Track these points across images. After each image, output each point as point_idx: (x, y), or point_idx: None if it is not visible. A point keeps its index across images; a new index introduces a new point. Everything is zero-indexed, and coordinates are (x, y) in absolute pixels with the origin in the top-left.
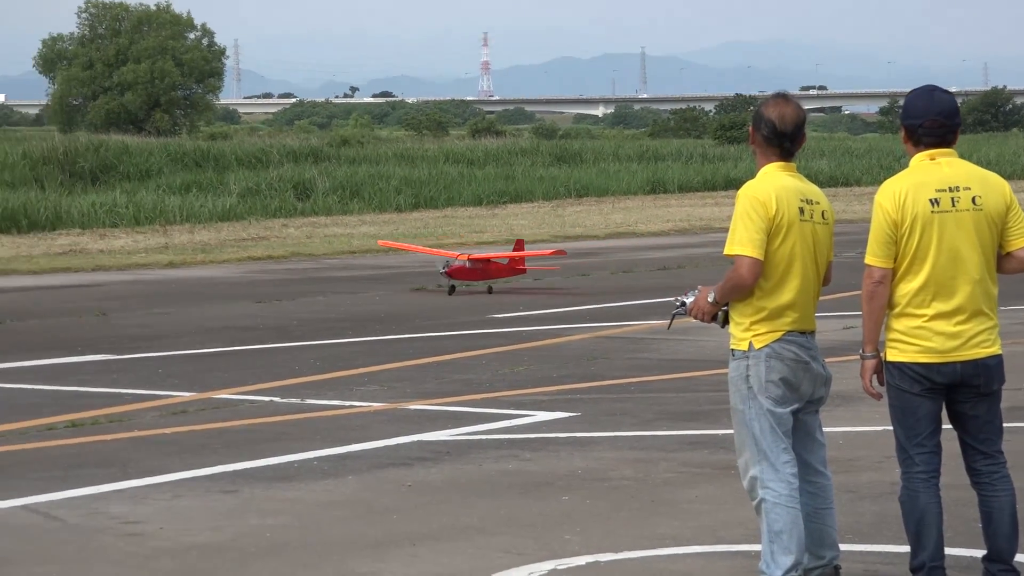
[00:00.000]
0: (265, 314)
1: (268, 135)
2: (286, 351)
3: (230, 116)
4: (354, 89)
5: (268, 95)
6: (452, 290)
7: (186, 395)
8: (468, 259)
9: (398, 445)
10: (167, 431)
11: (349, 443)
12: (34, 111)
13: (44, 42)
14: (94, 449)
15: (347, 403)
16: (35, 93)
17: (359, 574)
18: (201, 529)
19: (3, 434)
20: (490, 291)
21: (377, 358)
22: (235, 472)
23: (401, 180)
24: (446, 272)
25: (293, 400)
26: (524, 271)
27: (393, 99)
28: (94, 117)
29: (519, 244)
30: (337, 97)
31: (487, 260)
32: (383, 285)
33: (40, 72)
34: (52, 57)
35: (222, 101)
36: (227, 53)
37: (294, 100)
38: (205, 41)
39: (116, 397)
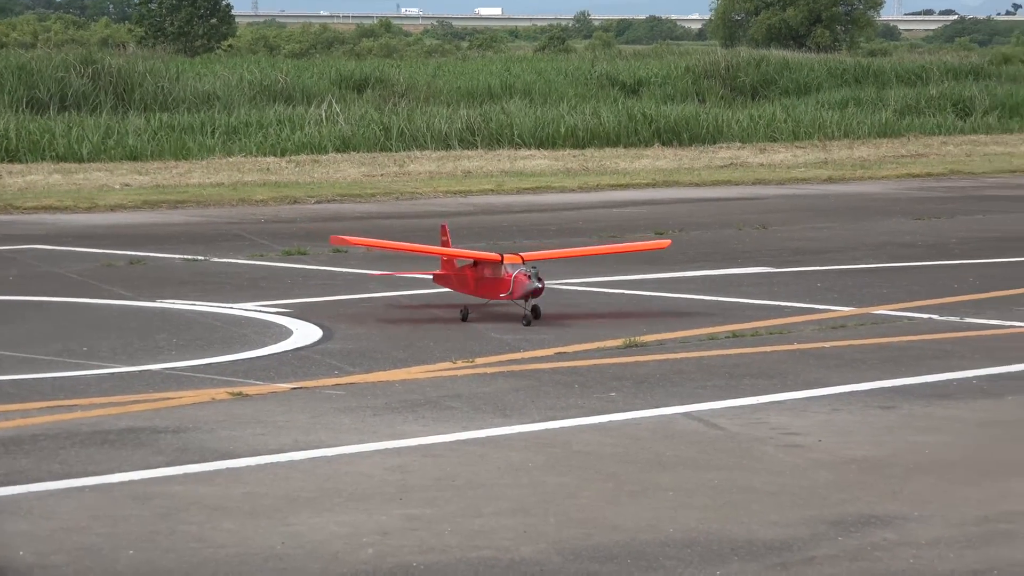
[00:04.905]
0: (923, 231)
1: (928, 52)
2: (944, 269)
3: (890, 33)
4: (1017, 6)
5: (929, 12)
6: (465, 316)
7: (845, 310)
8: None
9: None
10: (826, 345)
11: (1009, 363)
12: (696, 26)
13: None
14: (754, 360)
15: (1007, 323)
16: (698, 7)
17: (1021, 494)
18: (860, 443)
19: (666, 343)
20: (531, 317)
21: None
22: (893, 388)
23: None
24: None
25: (952, 318)
26: None
27: None
28: (755, 32)
29: (443, 230)
30: (999, 15)
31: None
32: None
33: None
34: None
35: (883, 18)
36: None
37: (955, 17)
38: None
39: (776, 309)
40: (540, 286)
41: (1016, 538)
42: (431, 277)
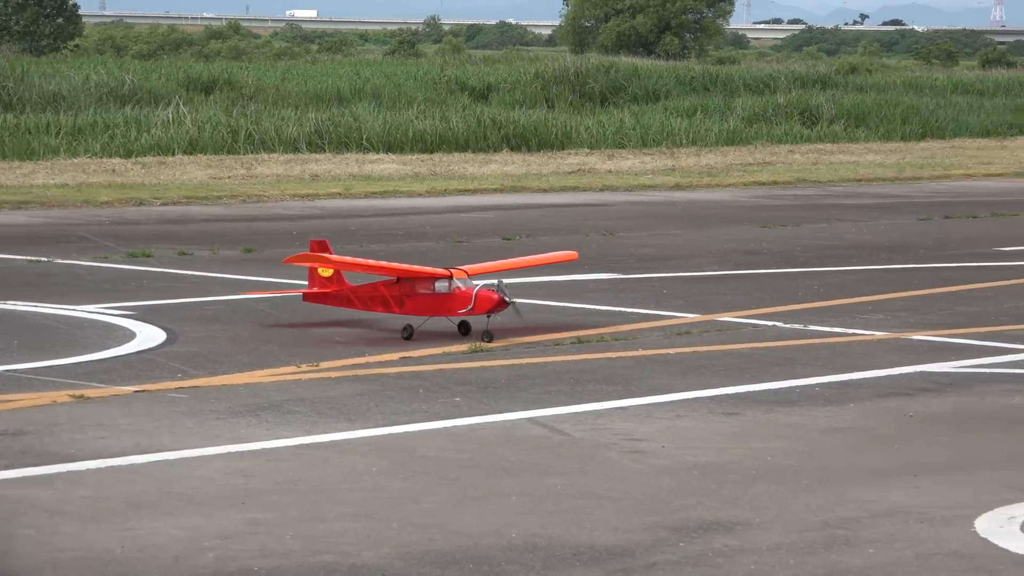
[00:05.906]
0: (769, 239)
1: (776, 61)
2: (789, 276)
3: (739, 41)
4: (864, 16)
5: (777, 20)
6: (410, 335)
7: (690, 316)
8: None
9: (900, 375)
10: (671, 351)
11: (851, 371)
12: (547, 32)
13: None
14: (599, 366)
15: (850, 331)
16: (548, 14)
17: (860, 501)
18: (703, 449)
19: (511, 348)
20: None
21: (881, 287)
22: (737, 395)
23: (908, 109)
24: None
25: (796, 326)
26: None
27: (903, 27)
28: (605, 39)
29: (321, 246)
30: (847, 24)
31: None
32: (889, 214)
33: None
34: None
35: (732, 26)
36: None
37: (803, 26)
38: None
39: (621, 315)
40: (508, 302)
41: (855, 544)
42: (301, 296)
